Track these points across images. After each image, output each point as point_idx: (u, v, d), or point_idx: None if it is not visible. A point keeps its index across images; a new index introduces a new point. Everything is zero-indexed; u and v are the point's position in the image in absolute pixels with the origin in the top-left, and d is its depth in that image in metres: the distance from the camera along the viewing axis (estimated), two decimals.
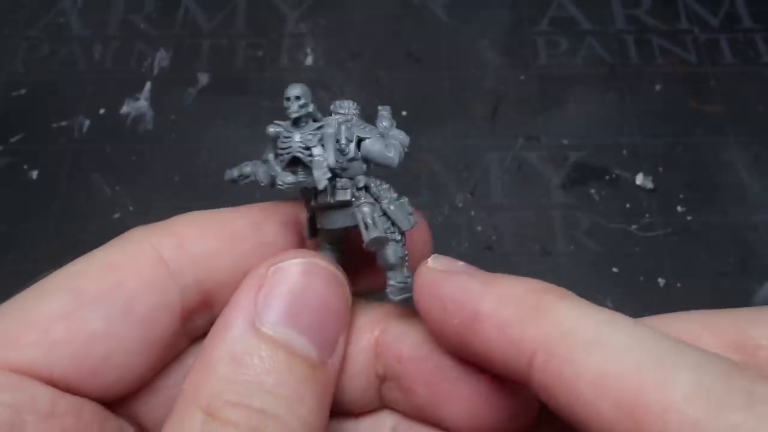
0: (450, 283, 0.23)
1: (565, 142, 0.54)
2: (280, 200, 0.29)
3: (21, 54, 0.59)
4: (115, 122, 0.55)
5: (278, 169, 0.25)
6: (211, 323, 0.26)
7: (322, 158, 0.24)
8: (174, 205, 0.51)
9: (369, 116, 0.28)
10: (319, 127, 0.25)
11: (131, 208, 0.51)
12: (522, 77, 0.57)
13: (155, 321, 0.24)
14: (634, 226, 0.50)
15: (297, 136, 0.25)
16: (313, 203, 0.26)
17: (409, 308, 0.28)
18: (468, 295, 0.23)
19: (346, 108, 0.27)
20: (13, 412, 0.21)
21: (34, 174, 0.52)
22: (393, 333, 0.27)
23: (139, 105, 0.56)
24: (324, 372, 0.24)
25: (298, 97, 0.25)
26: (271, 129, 0.26)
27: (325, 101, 0.60)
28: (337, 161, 0.25)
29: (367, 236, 0.25)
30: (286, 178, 0.25)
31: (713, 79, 0.57)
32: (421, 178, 0.52)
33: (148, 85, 0.57)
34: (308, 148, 0.25)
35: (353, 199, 0.25)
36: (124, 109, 0.56)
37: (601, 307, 0.21)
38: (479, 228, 0.50)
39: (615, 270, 0.48)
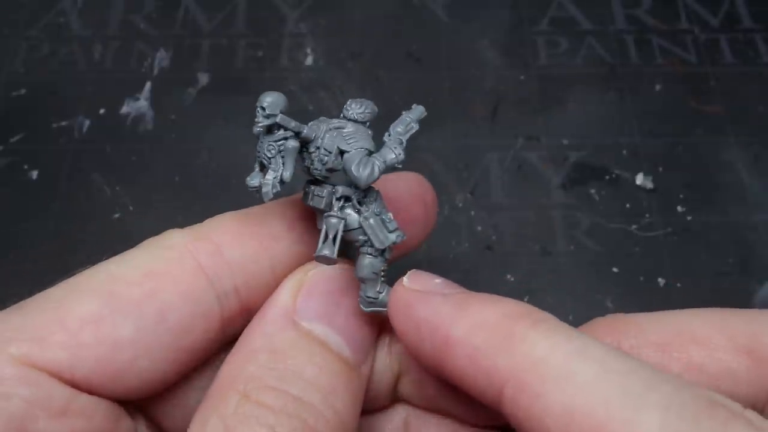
0: (423, 306, 0.23)
1: (565, 142, 0.54)
2: None
3: (21, 54, 0.59)
4: (115, 122, 0.55)
5: (256, 168, 0.26)
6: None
7: (275, 173, 0.25)
8: (174, 205, 0.51)
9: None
10: (284, 138, 0.25)
11: (131, 208, 0.51)
12: (522, 77, 0.57)
13: (189, 330, 0.24)
14: (634, 226, 0.50)
15: (265, 144, 0.25)
16: (303, 200, 0.27)
17: None
18: (440, 319, 0.22)
19: (353, 111, 0.27)
20: (28, 407, 0.21)
21: (34, 174, 0.52)
22: None
23: (139, 105, 0.56)
24: (358, 375, 0.24)
25: (263, 108, 0.25)
26: (255, 130, 0.26)
27: (325, 101, 0.60)
28: (316, 170, 0.25)
29: (318, 251, 0.25)
30: (251, 181, 0.25)
31: (713, 79, 0.57)
32: None
33: (148, 85, 0.57)
34: (269, 158, 0.25)
35: (325, 209, 0.26)
36: (124, 109, 0.56)
37: (576, 333, 0.20)
38: (479, 228, 0.50)
39: (615, 270, 0.48)
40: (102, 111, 0.56)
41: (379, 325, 0.27)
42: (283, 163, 0.25)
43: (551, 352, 0.19)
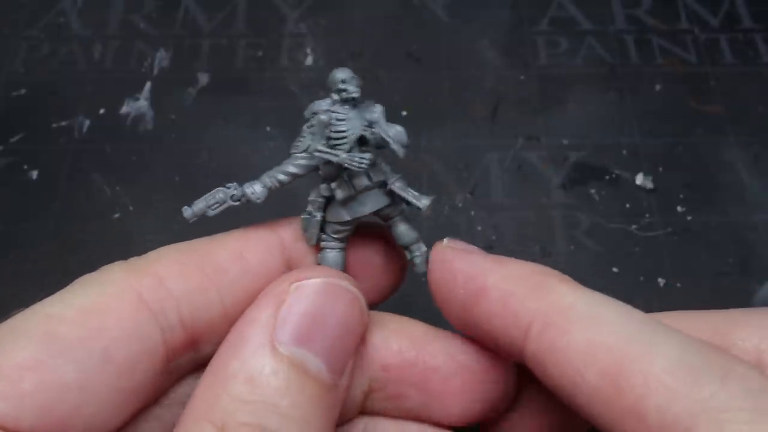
0: (462, 259, 0.25)
1: (565, 142, 0.54)
2: (260, 222, 0.28)
3: (21, 54, 0.59)
4: (115, 122, 0.55)
5: (343, 154, 0.25)
6: (194, 361, 0.26)
7: (386, 130, 0.25)
8: (174, 205, 0.51)
9: None
10: (367, 106, 0.25)
11: (131, 208, 0.51)
12: (522, 77, 0.57)
13: (134, 368, 0.23)
14: (634, 226, 0.50)
15: (355, 116, 0.25)
16: (351, 191, 0.26)
17: (381, 313, 0.28)
18: (478, 270, 0.25)
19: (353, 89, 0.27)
20: None
21: (34, 174, 0.52)
22: (373, 343, 0.26)
23: (139, 105, 0.56)
24: (334, 394, 0.24)
25: (353, 77, 0.25)
26: (324, 116, 0.25)
27: None
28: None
29: (422, 204, 0.26)
30: (365, 156, 0.24)
31: (713, 79, 0.57)
32: (421, 178, 0.52)
33: (148, 85, 0.57)
34: (370, 125, 0.25)
35: (385, 180, 0.26)
36: (124, 109, 0.56)
37: (598, 292, 0.23)
38: (479, 228, 0.50)
39: (615, 270, 0.48)
40: (102, 111, 0.56)
41: (361, 337, 0.26)
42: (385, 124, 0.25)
43: (578, 300, 0.22)
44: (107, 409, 0.23)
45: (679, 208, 0.51)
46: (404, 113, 0.55)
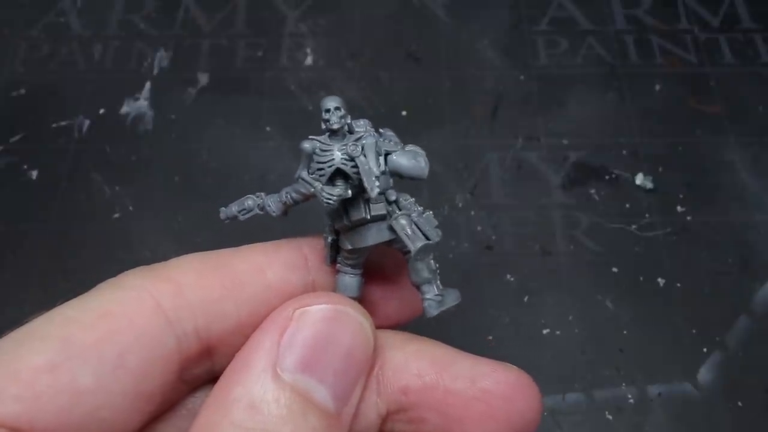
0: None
1: (565, 142, 0.54)
2: (283, 238, 0.28)
3: (21, 54, 0.59)
4: (115, 122, 0.55)
5: (318, 185, 0.24)
6: (210, 372, 0.25)
7: (370, 167, 0.24)
8: (174, 205, 0.51)
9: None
10: (358, 138, 0.25)
11: (131, 208, 0.51)
12: (522, 77, 0.57)
13: (149, 374, 0.23)
14: (634, 226, 0.50)
15: (337, 148, 0.24)
16: (345, 221, 0.26)
17: (402, 333, 0.27)
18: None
19: (363, 126, 0.26)
20: None
21: (34, 174, 0.52)
22: (393, 366, 0.26)
23: (139, 105, 0.56)
24: (338, 423, 0.23)
25: (338, 108, 0.24)
26: (308, 144, 0.25)
27: None
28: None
29: (413, 246, 0.24)
30: (333, 191, 0.24)
31: (713, 79, 0.57)
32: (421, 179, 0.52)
33: (148, 85, 0.57)
34: (351, 159, 0.24)
35: (388, 213, 0.25)
36: (124, 109, 0.56)
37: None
38: (479, 228, 0.50)
39: (615, 270, 0.48)
40: (102, 111, 0.56)
41: (367, 365, 0.25)
42: (374, 159, 0.24)
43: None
44: (121, 413, 0.23)
45: (679, 208, 0.51)
46: (404, 113, 0.55)
